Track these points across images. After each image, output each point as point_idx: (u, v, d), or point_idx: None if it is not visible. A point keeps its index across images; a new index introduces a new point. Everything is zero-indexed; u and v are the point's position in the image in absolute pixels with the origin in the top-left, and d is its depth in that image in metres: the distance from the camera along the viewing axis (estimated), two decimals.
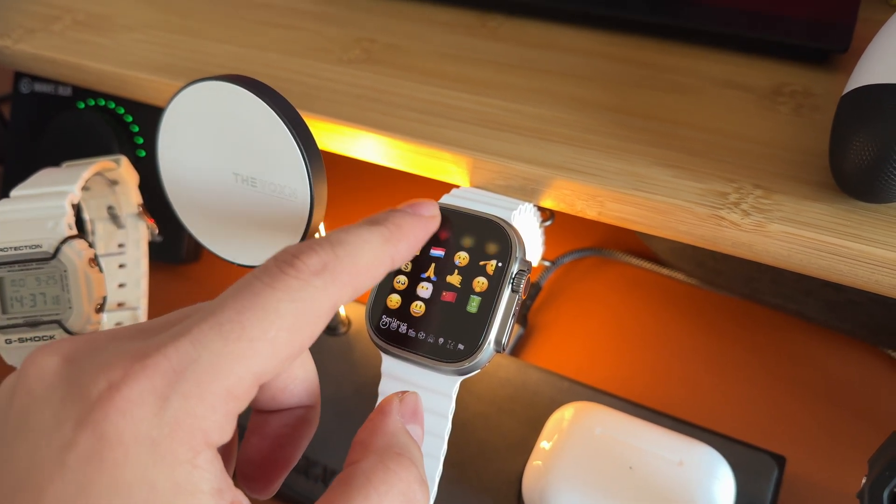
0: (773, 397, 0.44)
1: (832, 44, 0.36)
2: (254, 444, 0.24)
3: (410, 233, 0.25)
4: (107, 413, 0.17)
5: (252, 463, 0.24)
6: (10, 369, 0.35)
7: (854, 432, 0.42)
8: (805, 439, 0.42)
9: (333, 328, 0.47)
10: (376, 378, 0.29)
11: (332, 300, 0.21)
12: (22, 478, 0.17)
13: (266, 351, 0.19)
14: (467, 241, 0.29)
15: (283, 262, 0.20)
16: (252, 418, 0.24)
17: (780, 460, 0.39)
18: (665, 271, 0.50)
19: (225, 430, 0.18)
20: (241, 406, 0.19)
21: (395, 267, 0.24)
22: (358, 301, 0.50)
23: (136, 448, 0.17)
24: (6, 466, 0.18)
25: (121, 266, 0.43)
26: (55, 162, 0.40)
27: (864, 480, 0.26)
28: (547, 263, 0.51)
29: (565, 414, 0.38)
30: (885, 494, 0.25)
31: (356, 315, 0.48)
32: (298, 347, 0.20)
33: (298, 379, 0.24)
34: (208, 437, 0.18)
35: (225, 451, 0.22)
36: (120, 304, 0.43)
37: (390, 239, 0.23)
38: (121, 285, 0.43)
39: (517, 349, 0.48)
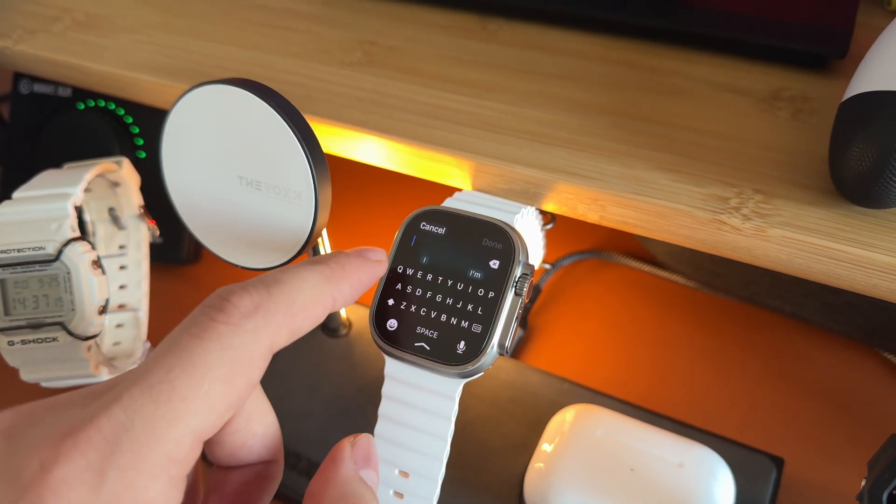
0: (771, 399, 0.44)
1: (830, 49, 0.36)
2: (214, 503, 0.23)
3: (354, 274, 0.24)
4: (41, 496, 0.16)
5: None
6: (12, 370, 0.35)
7: (852, 434, 0.42)
8: (803, 441, 0.42)
9: (334, 330, 0.47)
10: (376, 379, 0.30)
11: (267, 343, 0.20)
12: None
13: (201, 408, 0.18)
14: (470, 245, 0.29)
15: (212, 307, 0.19)
16: (212, 475, 0.23)
17: (778, 462, 0.39)
18: (664, 274, 0.51)
19: (171, 496, 0.18)
20: (185, 468, 0.18)
21: (337, 308, 0.23)
22: (360, 303, 0.50)
23: None
24: None
25: (122, 268, 0.43)
26: (55, 163, 0.40)
27: (863, 482, 0.26)
28: (547, 266, 0.51)
29: (566, 416, 0.39)
30: (885, 496, 0.25)
31: (357, 317, 0.49)
32: (237, 398, 0.19)
33: (258, 435, 0.23)
34: None
35: (188, 498, 0.22)
36: (121, 306, 0.43)
37: (331, 278, 0.23)
38: (122, 287, 0.43)
39: (517, 351, 0.48)
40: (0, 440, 0.18)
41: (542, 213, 0.37)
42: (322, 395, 0.43)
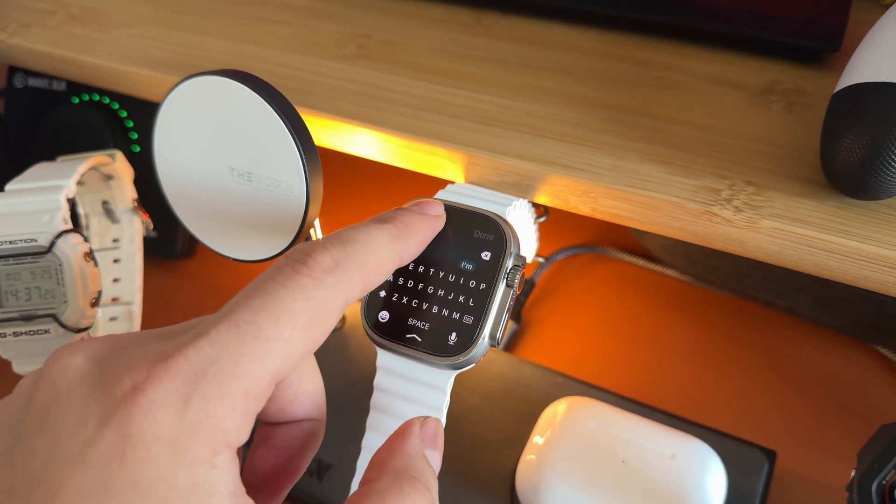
0: (764, 392, 0.44)
1: (824, 43, 0.36)
2: (260, 455, 0.24)
3: (417, 231, 0.25)
4: (131, 412, 0.17)
5: (257, 473, 0.24)
6: (5, 362, 0.35)
7: (843, 427, 0.42)
8: (795, 434, 0.42)
9: None
10: (370, 373, 0.30)
11: (344, 297, 0.21)
12: (41, 472, 0.17)
13: (282, 350, 0.19)
14: (462, 237, 0.29)
15: (296, 260, 0.21)
16: (259, 430, 0.24)
17: (770, 455, 0.39)
18: (658, 268, 0.51)
19: (244, 430, 0.19)
20: (259, 405, 0.19)
21: (403, 264, 0.25)
22: None
23: (158, 447, 0.17)
24: (24, 462, 0.18)
25: (115, 261, 0.43)
26: (49, 157, 0.40)
27: (853, 473, 0.26)
28: (541, 260, 0.52)
29: (559, 408, 0.39)
30: (874, 486, 0.25)
31: (351, 311, 0.49)
32: (312, 345, 0.20)
33: (307, 392, 0.24)
34: (228, 437, 0.18)
35: None
36: (115, 299, 0.43)
37: (398, 237, 0.24)
38: (115, 280, 0.43)
39: (511, 345, 0.48)
40: (90, 362, 0.19)
41: (536, 206, 0.37)
42: None
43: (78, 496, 0.17)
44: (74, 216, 0.42)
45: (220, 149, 0.31)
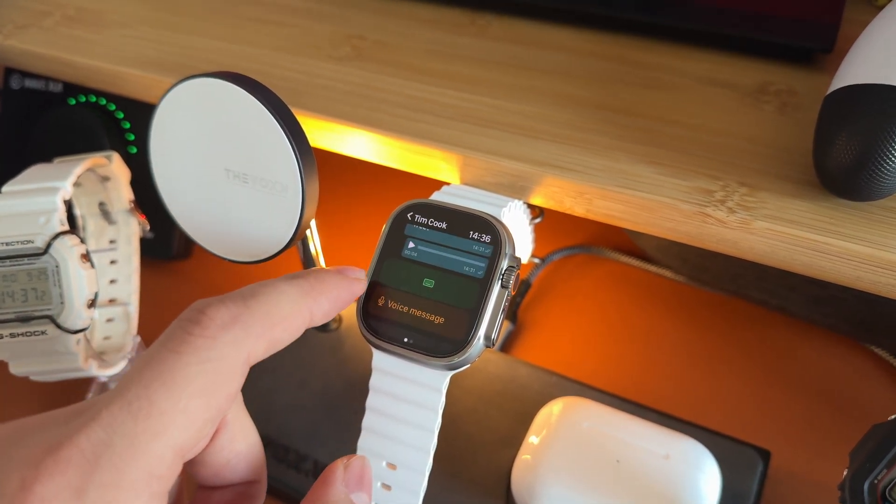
0: (757, 392, 0.45)
1: (817, 44, 0.37)
2: None
3: (332, 289, 0.24)
4: None
5: None
6: (2, 363, 0.35)
7: (837, 426, 0.42)
8: (789, 433, 0.42)
9: (325, 324, 0.48)
10: (366, 373, 0.30)
11: (244, 355, 0.20)
12: None
13: (180, 422, 0.18)
14: (457, 238, 0.29)
15: (188, 321, 0.19)
16: (196, 494, 0.23)
17: (764, 454, 0.39)
18: (652, 268, 0.51)
19: None
20: (166, 484, 0.18)
21: (315, 323, 0.23)
22: None
23: None
24: None
25: (112, 262, 0.44)
26: (46, 158, 0.40)
27: (845, 472, 0.27)
28: (536, 261, 0.52)
29: (553, 409, 0.39)
30: (866, 486, 0.25)
31: (346, 312, 0.49)
32: (216, 411, 0.19)
33: (241, 454, 0.23)
34: None
35: None
36: (111, 301, 0.43)
37: (310, 292, 0.23)
38: (112, 281, 0.43)
39: (507, 345, 0.49)
40: None
41: (531, 207, 0.37)
42: (311, 389, 0.44)
43: None
44: (71, 217, 0.42)
45: (216, 151, 0.31)
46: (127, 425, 0.17)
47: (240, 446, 0.23)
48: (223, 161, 0.31)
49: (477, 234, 0.29)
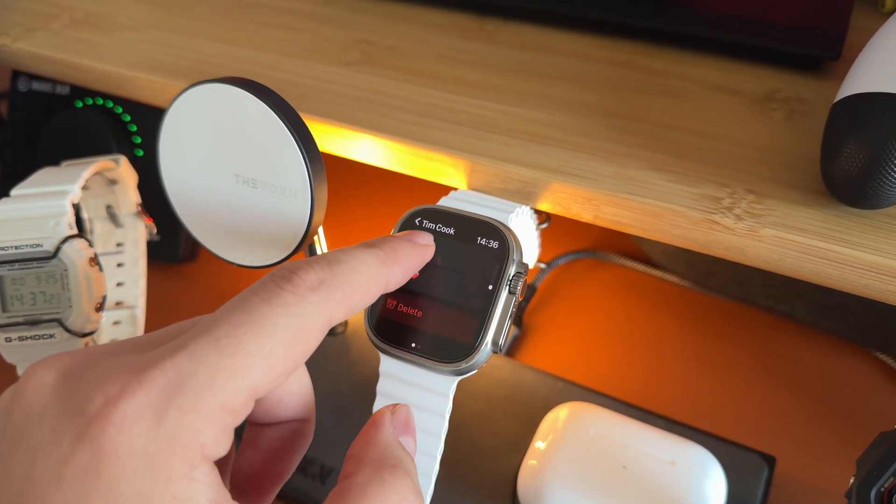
0: (763, 398, 0.45)
1: (824, 51, 0.37)
2: (248, 457, 0.24)
3: (405, 258, 0.25)
4: (104, 428, 0.17)
5: (245, 475, 0.24)
6: (10, 367, 0.36)
7: (843, 433, 0.42)
8: (795, 439, 0.42)
9: (332, 328, 0.48)
10: (372, 377, 0.30)
11: (327, 316, 0.21)
12: (19, 492, 0.17)
13: (262, 366, 0.19)
14: (465, 243, 0.30)
15: (280, 277, 0.20)
16: (246, 431, 0.24)
17: (770, 460, 0.39)
18: (658, 273, 0.51)
19: (222, 444, 0.19)
20: (238, 420, 0.19)
21: (389, 290, 0.25)
22: None
23: (133, 463, 0.17)
24: (5, 481, 0.18)
25: (119, 265, 0.44)
26: (53, 161, 0.41)
27: (852, 480, 0.27)
28: (542, 265, 0.52)
29: (560, 414, 0.39)
30: (873, 494, 0.25)
31: (354, 317, 0.49)
32: (294, 362, 0.20)
33: (294, 393, 0.24)
34: (205, 450, 0.18)
35: (221, 464, 0.22)
36: (118, 303, 0.43)
37: (386, 261, 0.24)
38: (119, 284, 0.44)
39: (513, 350, 0.49)
40: (59, 378, 0.19)
41: (537, 212, 0.37)
42: (318, 392, 0.43)
43: None
44: (78, 220, 0.42)
45: (225, 156, 0.31)
46: (212, 358, 0.18)
47: (293, 386, 0.24)
48: (233, 166, 0.31)
49: (485, 239, 0.29)
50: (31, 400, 0.19)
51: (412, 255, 0.26)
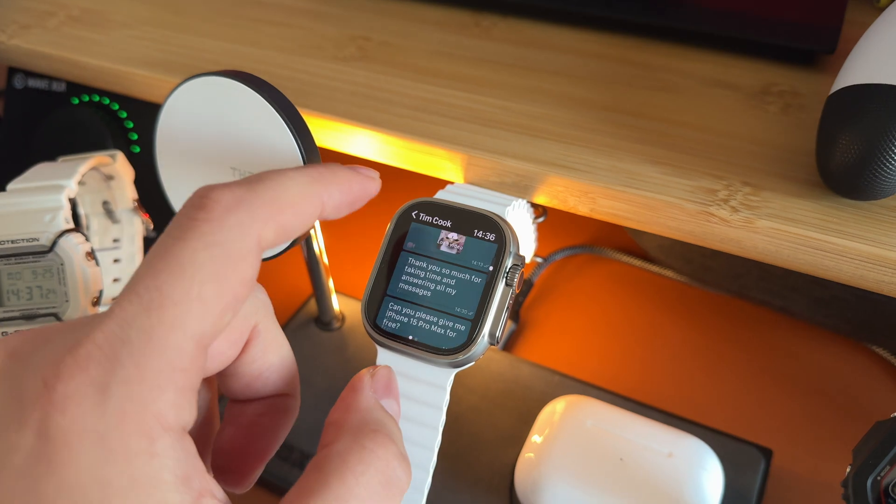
0: (759, 392, 0.45)
1: (819, 45, 0.37)
2: (229, 435, 0.22)
3: (344, 180, 0.23)
4: (47, 412, 0.16)
5: (227, 454, 0.22)
6: None
7: (838, 425, 0.42)
8: (791, 432, 0.42)
9: (327, 323, 0.48)
10: None
11: (254, 237, 0.19)
12: None
13: (196, 311, 0.17)
14: (462, 236, 0.30)
15: (192, 206, 0.19)
16: (227, 408, 0.23)
17: (767, 453, 0.39)
18: (654, 268, 0.51)
19: (182, 408, 0.17)
20: (191, 378, 0.17)
21: (327, 214, 0.22)
22: (352, 296, 0.50)
23: (83, 446, 0.16)
24: None
25: (116, 261, 0.44)
26: (49, 158, 0.40)
27: (848, 469, 0.27)
28: (539, 260, 0.52)
29: (557, 407, 0.39)
30: (869, 482, 0.25)
31: (349, 310, 0.49)
32: (231, 297, 0.18)
33: (273, 366, 0.22)
34: (162, 419, 0.17)
35: (199, 439, 0.21)
36: (114, 299, 0.43)
37: (320, 180, 0.22)
38: (115, 280, 0.43)
39: (509, 344, 0.49)
40: (7, 361, 0.18)
41: (534, 206, 0.37)
42: (315, 388, 0.44)
43: None
44: (75, 216, 0.42)
45: (222, 149, 0.31)
46: (140, 318, 0.17)
47: (272, 358, 0.22)
48: (229, 159, 0.31)
49: (481, 232, 0.29)
50: None
51: (352, 181, 0.23)
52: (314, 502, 0.18)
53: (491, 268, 0.29)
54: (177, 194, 0.33)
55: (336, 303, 0.48)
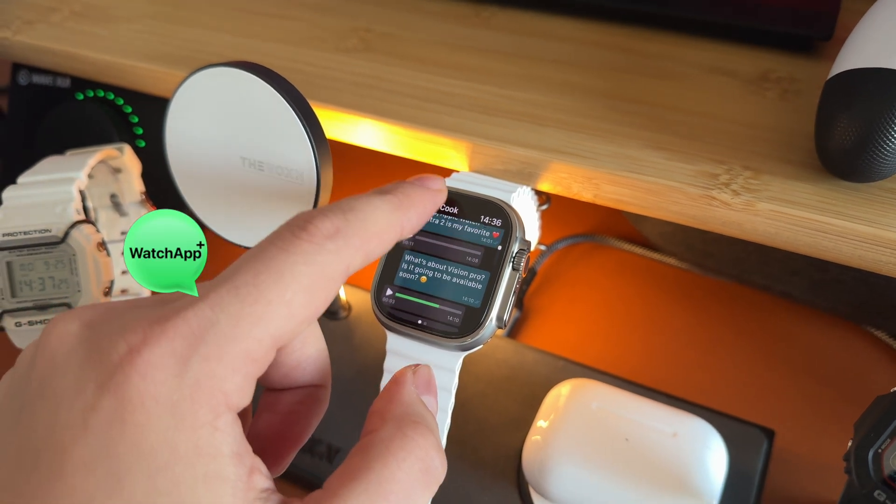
0: (761, 375, 0.45)
1: (816, 32, 0.37)
2: (265, 421, 0.24)
3: (419, 203, 0.25)
4: (128, 376, 0.17)
5: (262, 439, 0.24)
6: (19, 352, 0.36)
7: (838, 406, 0.43)
8: (792, 414, 0.43)
9: (334, 312, 0.48)
10: (376, 360, 0.30)
11: (345, 264, 0.21)
12: (44, 440, 0.17)
13: (283, 313, 0.19)
14: (469, 222, 0.30)
15: (297, 227, 0.20)
16: (263, 396, 0.24)
17: (769, 433, 0.40)
18: (656, 256, 0.52)
19: (244, 393, 0.19)
20: (260, 369, 0.19)
21: (405, 236, 0.25)
22: (359, 286, 0.50)
23: (158, 410, 0.17)
24: (29, 430, 0.18)
25: (124, 253, 0.44)
26: (55, 154, 0.41)
27: (850, 443, 0.27)
28: (542, 248, 0.52)
29: (562, 390, 0.39)
30: (870, 455, 0.26)
31: (356, 300, 0.49)
32: (314, 310, 0.20)
33: (311, 357, 0.24)
34: (229, 399, 0.18)
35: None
36: (123, 291, 0.44)
37: (400, 206, 0.24)
38: (125, 272, 0.44)
39: (514, 331, 0.49)
40: (82, 328, 0.19)
41: (538, 193, 0.37)
42: None
43: (82, 462, 0.17)
44: (83, 209, 0.43)
45: (232, 139, 0.31)
46: (234, 307, 0.18)
47: (310, 350, 0.24)
48: (239, 149, 0.31)
49: (488, 218, 0.30)
50: (55, 350, 0.19)
51: (425, 200, 0.26)
52: (359, 484, 0.19)
53: (498, 253, 0.29)
54: (187, 184, 0.33)
55: (343, 293, 0.49)
